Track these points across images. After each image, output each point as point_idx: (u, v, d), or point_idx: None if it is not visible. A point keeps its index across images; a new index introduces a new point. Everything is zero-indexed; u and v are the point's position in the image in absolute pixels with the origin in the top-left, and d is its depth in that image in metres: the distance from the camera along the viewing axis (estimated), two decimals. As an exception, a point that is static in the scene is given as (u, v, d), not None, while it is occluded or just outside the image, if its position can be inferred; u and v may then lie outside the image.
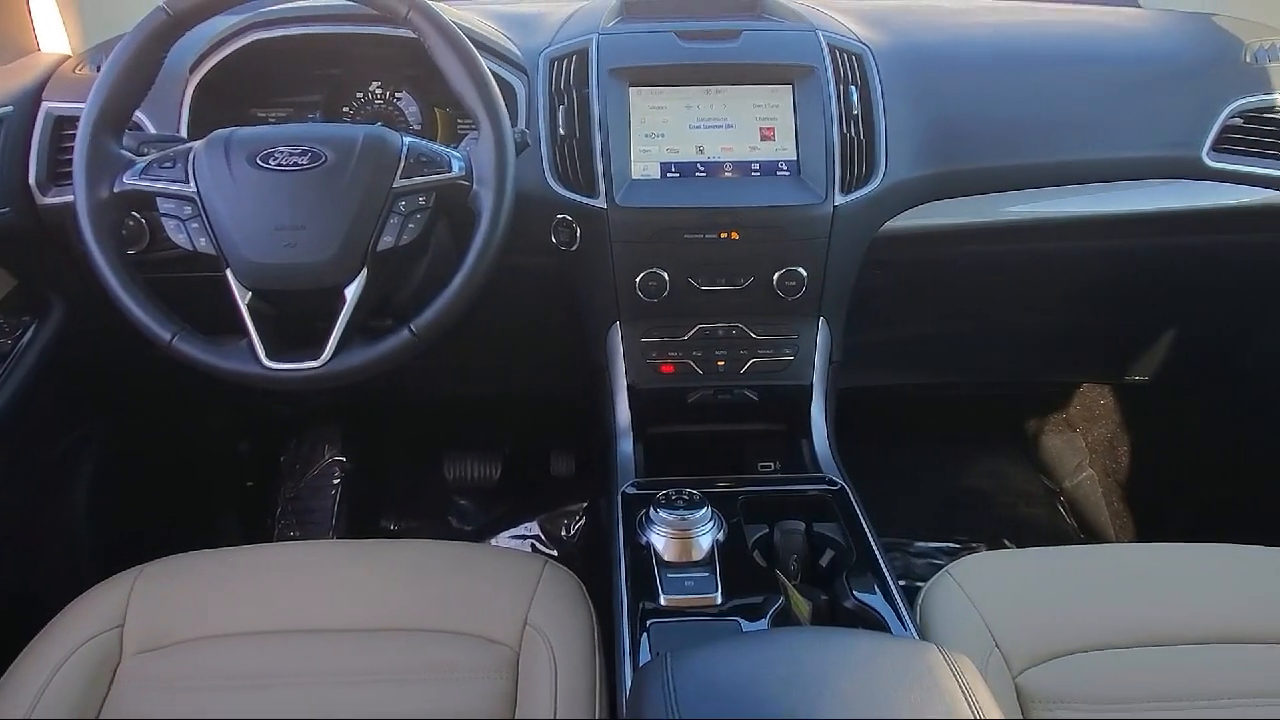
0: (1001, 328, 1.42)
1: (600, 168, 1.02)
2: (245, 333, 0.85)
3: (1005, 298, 1.34)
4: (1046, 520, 1.76)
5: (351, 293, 0.85)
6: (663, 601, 0.82)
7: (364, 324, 0.88)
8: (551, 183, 1.04)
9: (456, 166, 0.87)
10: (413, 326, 0.86)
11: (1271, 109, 1.13)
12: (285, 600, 0.90)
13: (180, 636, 0.87)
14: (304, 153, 0.84)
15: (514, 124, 1.06)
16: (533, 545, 1.72)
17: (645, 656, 0.78)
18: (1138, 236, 1.19)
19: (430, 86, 1.14)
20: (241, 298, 0.84)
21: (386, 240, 0.85)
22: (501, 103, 0.87)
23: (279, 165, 0.83)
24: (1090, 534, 1.73)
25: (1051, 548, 1.00)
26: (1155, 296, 1.35)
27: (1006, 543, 1.66)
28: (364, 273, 0.84)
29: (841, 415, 1.36)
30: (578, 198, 1.03)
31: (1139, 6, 1.43)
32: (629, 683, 0.77)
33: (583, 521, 1.69)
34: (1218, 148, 1.12)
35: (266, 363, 0.84)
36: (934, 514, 1.76)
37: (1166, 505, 1.66)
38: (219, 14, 0.89)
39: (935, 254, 1.19)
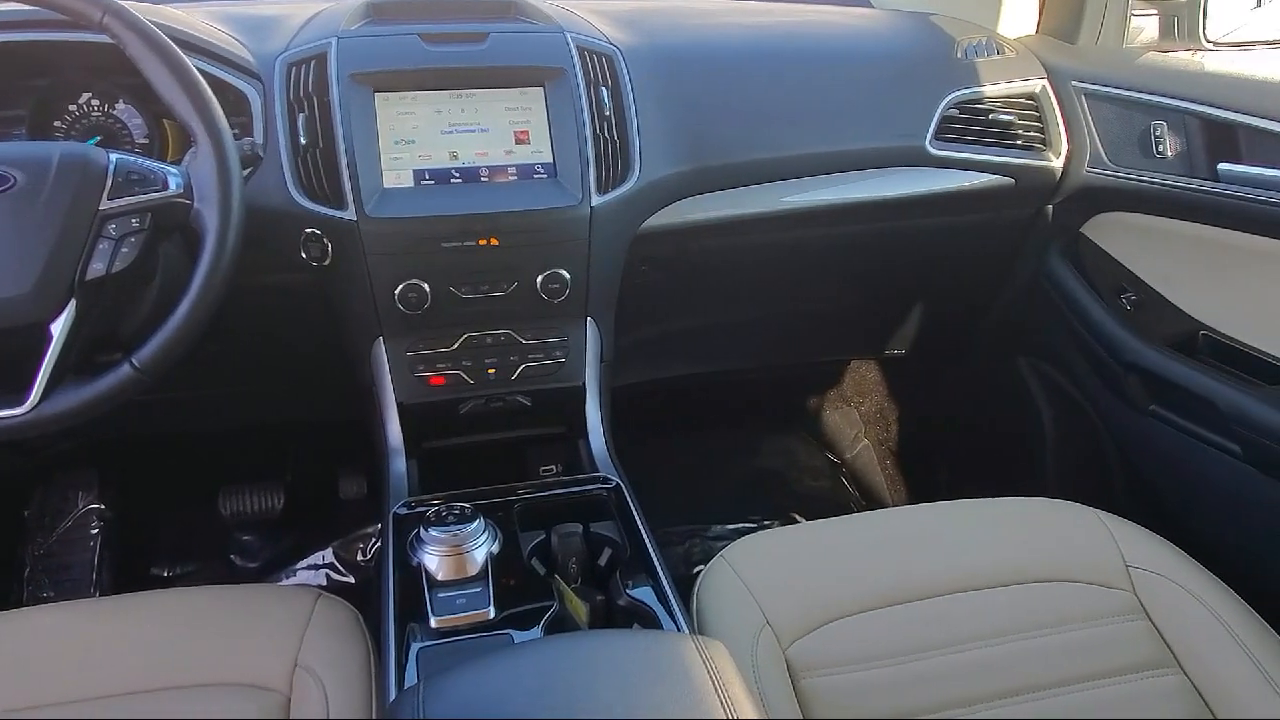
0: (771, 313, 1.49)
1: (348, 178, 0.97)
2: None
3: (770, 285, 1.41)
4: (831, 492, 1.87)
5: (59, 328, 0.76)
6: (433, 624, 0.80)
7: (85, 361, 0.80)
8: (296, 196, 0.98)
9: (174, 184, 0.80)
10: (135, 360, 0.78)
11: (980, 100, 1.25)
12: (33, 673, 0.81)
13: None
14: None
15: (250, 135, 1.00)
16: (327, 575, 1.64)
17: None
18: (878, 221, 1.28)
19: (155, 96, 1.04)
20: None
21: (96, 268, 0.77)
22: (219, 112, 0.81)
23: None
24: (871, 500, 1.86)
25: (818, 521, 1.06)
26: (901, 276, 1.46)
27: (796, 517, 1.75)
28: (72, 305, 0.76)
29: (629, 411, 1.38)
30: (326, 211, 0.98)
31: (871, 7, 1.54)
32: None
33: (379, 544, 1.63)
34: (938, 137, 1.22)
35: None
36: (730, 497, 1.83)
37: (931, 467, 1.81)
38: None
39: (698, 247, 1.22)
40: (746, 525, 1.73)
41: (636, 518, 0.95)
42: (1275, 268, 1.07)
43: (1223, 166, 1.10)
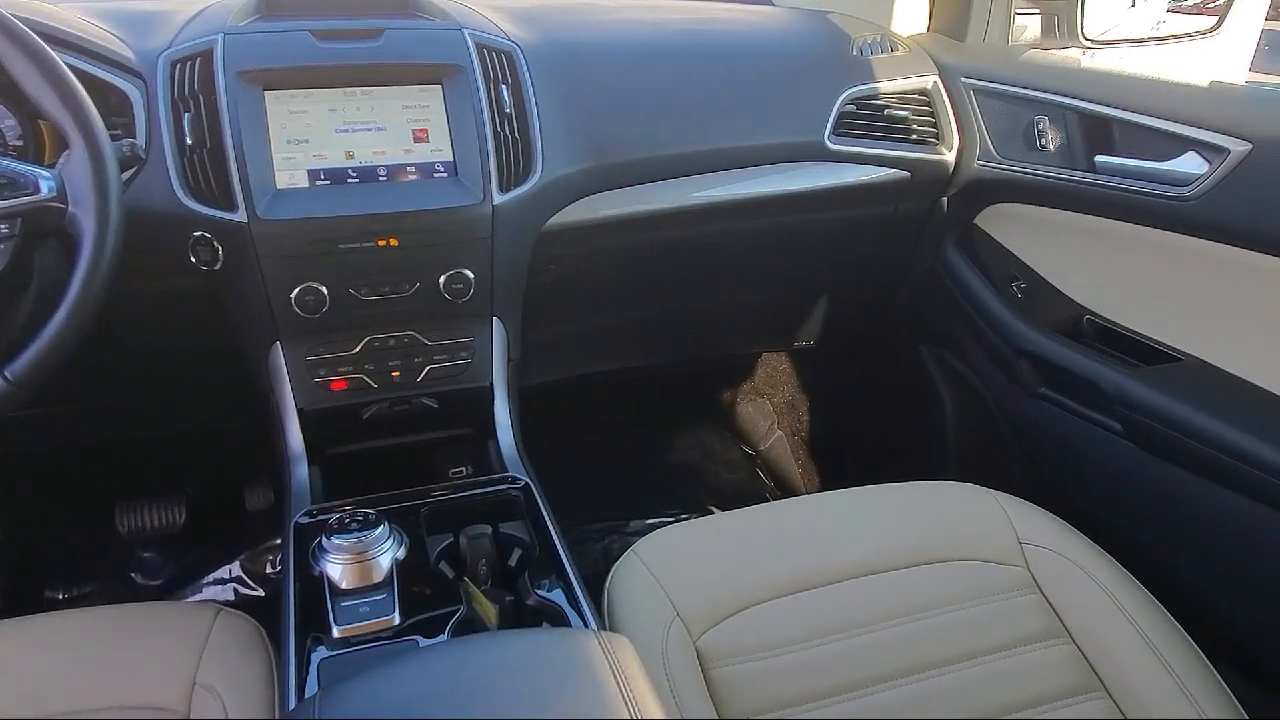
0: (681, 308, 1.50)
1: (237, 179, 0.94)
2: None
3: (679, 280, 1.42)
4: (747, 483, 1.89)
5: (-80, 342, 0.72)
6: (335, 633, 0.78)
7: None
8: (183, 198, 0.95)
9: (46, 188, 0.76)
10: (7, 373, 0.75)
11: (876, 96, 1.28)
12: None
13: None
14: None
15: (131, 135, 0.96)
16: (235, 589, 1.59)
17: (316, 696, 0.74)
18: (782, 215, 1.30)
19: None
20: None
21: None
22: (93, 111, 0.78)
23: None
24: (785, 490, 1.89)
25: (726, 512, 1.07)
26: (806, 269, 1.49)
27: (713, 510, 1.77)
28: (-66, 317, 0.72)
29: (542, 410, 1.37)
30: (215, 213, 0.95)
31: (772, 4, 1.56)
32: None
33: (287, 554, 1.58)
34: (836, 132, 1.25)
35: None
36: (648, 492, 1.84)
37: (842, 455, 1.85)
38: None
39: (604, 244, 1.23)
40: (664, 519, 1.74)
41: (545, 516, 0.95)
42: (1150, 254, 1.13)
43: (1099, 158, 1.15)
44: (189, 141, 0.95)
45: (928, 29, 1.44)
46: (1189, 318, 1.11)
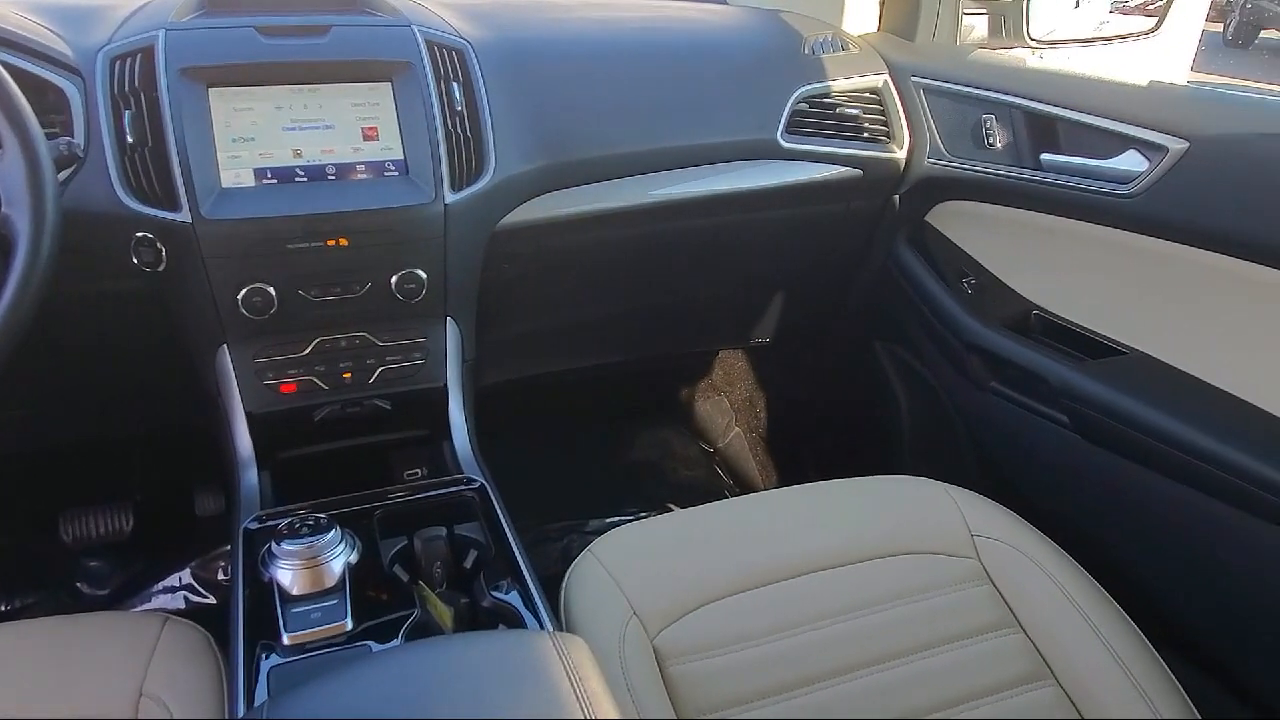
0: (638, 306, 1.50)
1: (180, 178, 0.92)
2: None
3: (635, 278, 1.42)
4: (705, 480, 1.90)
5: None
6: (285, 640, 0.77)
7: None
8: (124, 198, 0.93)
9: (-23, 188, 0.74)
10: (-61, 379, 0.72)
11: (828, 95, 1.29)
12: None
13: None
14: None
15: (69, 134, 0.94)
16: (185, 597, 1.56)
17: (267, 705, 0.73)
18: (737, 213, 1.31)
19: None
20: None
21: None
22: (25, 109, 0.76)
23: None
24: (744, 487, 1.90)
25: (683, 510, 1.07)
26: (762, 266, 1.50)
27: (671, 507, 1.77)
28: None
29: (499, 410, 1.36)
30: (157, 213, 0.93)
31: (726, 3, 1.57)
32: None
33: (238, 561, 1.55)
34: (789, 130, 1.26)
35: None
36: (607, 491, 1.84)
37: (799, 451, 1.87)
38: None
39: (559, 243, 1.22)
40: (623, 518, 1.74)
41: (501, 517, 0.95)
42: (1094, 250, 1.16)
43: (1045, 156, 1.17)
44: (130, 140, 0.93)
45: (878, 28, 1.46)
46: (1133, 312, 1.13)
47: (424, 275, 1.02)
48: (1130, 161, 1.07)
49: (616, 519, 1.74)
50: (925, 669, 0.90)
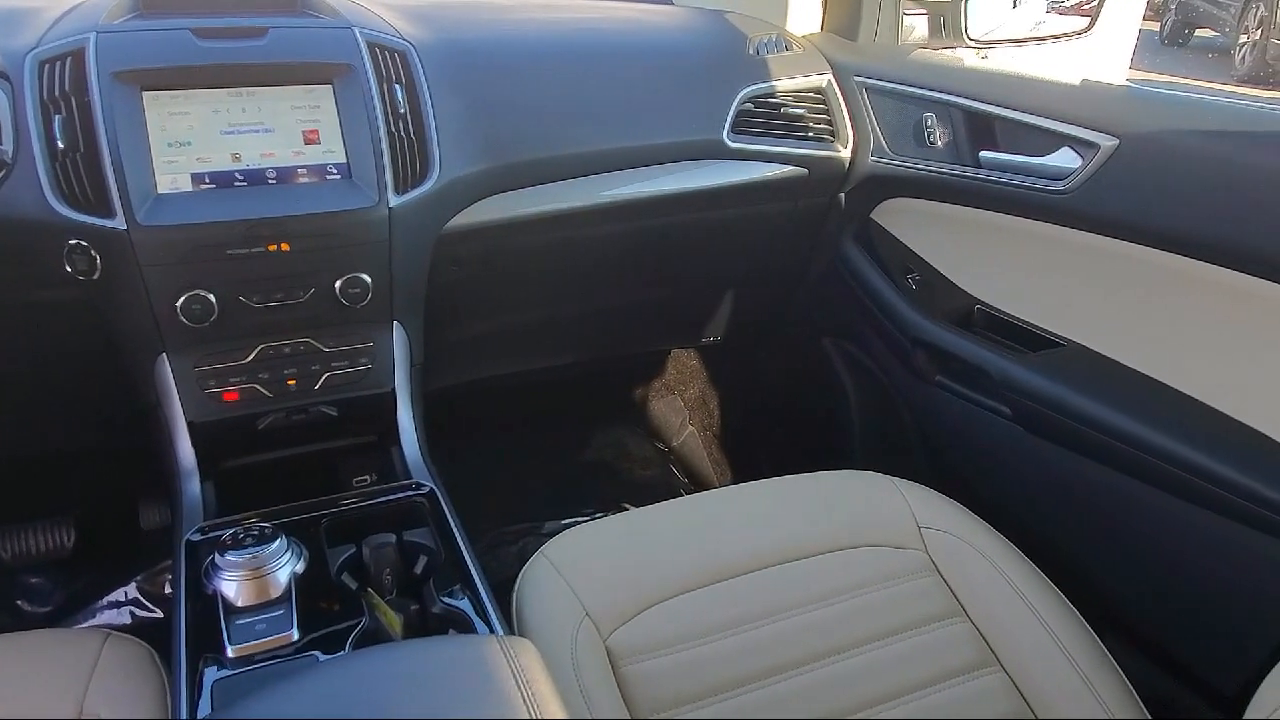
0: (589, 308, 1.50)
1: (114, 184, 0.90)
2: None
3: (586, 279, 1.42)
4: (661, 480, 1.91)
5: None
6: (230, 653, 0.75)
7: None
8: (55, 205, 0.90)
9: (-103, 196, 0.72)
10: None
11: (773, 95, 1.30)
12: None
13: None
14: None
15: (-6, 139, 0.91)
16: (131, 612, 1.52)
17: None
18: (686, 213, 1.31)
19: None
20: None
21: None
22: None
23: None
24: (699, 485, 1.91)
25: (635, 510, 1.08)
26: (712, 265, 1.51)
27: (627, 507, 1.77)
28: None
29: (452, 414, 1.35)
30: (91, 220, 0.91)
31: (672, 4, 1.57)
32: None
33: (186, 574, 1.52)
34: (735, 130, 1.27)
35: None
36: (563, 493, 1.83)
37: (753, 448, 1.88)
38: None
39: (507, 245, 1.22)
40: (579, 519, 1.74)
41: (451, 522, 0.94)
42: (1033, 246, 1.18)
43: (984, 154, 1.20)
44: (60, 145, 0.90)
45: (821, 28, 1.47)
46: (1070, 305, 1.16)
47: (369, 279, 1.01)
48: (1064, 158, 1.09)
49: (573, 520, 1.74)
50: (874, 660, 0.91)
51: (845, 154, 1.34)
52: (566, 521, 1.74)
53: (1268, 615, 0.95)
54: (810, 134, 1.33)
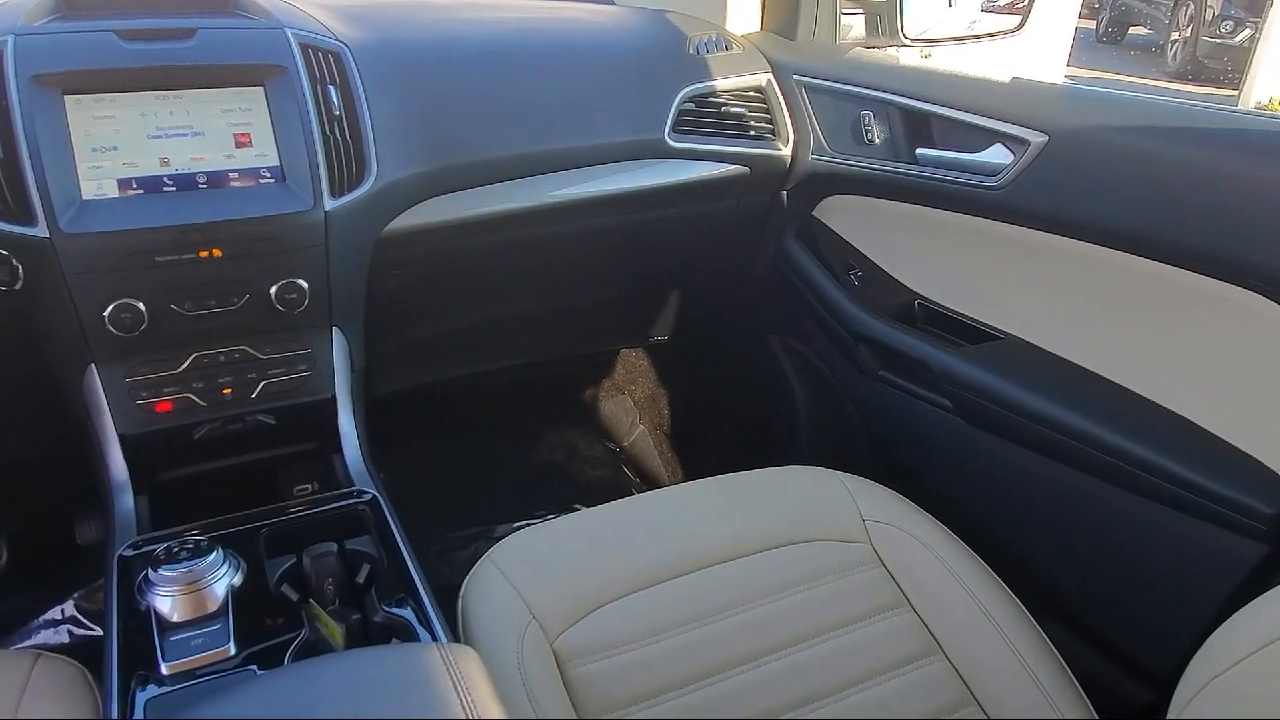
0: (534, 309, 1.50)
1: (35, 191, 0.88)
2: None
3: (530, 281, 1.41)
4: (612, 480, 1.90)
5: None
6: (164, 670, 0.74)
7: None
8: None
9: None
10: None
11: (713, 94, 1.31)
12: None
13: None
14: None
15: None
16: (69, 631, 1.48)
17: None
18: (629, 213, 1.31)
19: None
20: None
21: None
22: None
23: None
24: (650, 484, 1.91)
25: (581, 511, 1.08)
26: (657, 265, 1.51)
27: (578, 508, 1.76)
28: None
29: (398, 420, 1.34)
30: (10, 228, 0.88)
31: (614, 4, 1.57)
32: None
33: (125, 590, 1.48)
34: (676, 129, 1.27)
35: None
36: (514, 495, 1.82)
37: (702, 446, 1.89)
38: None
39: (448, 247, 1.20)
40: (531, 522, 1.72)
41: (394, 529, 0.93)
42: (970, 240, 1.21)
43: (920, 151, 1.22)
44: None
45: (760, 28, 1.48)
46: (1007, 299, 1.19)
47: (305, 284, 1.00)
48: (997, 155, 1.12)
49: (524, 523, 1.73)
50: (821, 653, 0.92)
51: (786, 152, 1.35)
52: (518, 525, 1.73)
53: (1194, 596, 0.98)
54: (751, 132, 1.33)
